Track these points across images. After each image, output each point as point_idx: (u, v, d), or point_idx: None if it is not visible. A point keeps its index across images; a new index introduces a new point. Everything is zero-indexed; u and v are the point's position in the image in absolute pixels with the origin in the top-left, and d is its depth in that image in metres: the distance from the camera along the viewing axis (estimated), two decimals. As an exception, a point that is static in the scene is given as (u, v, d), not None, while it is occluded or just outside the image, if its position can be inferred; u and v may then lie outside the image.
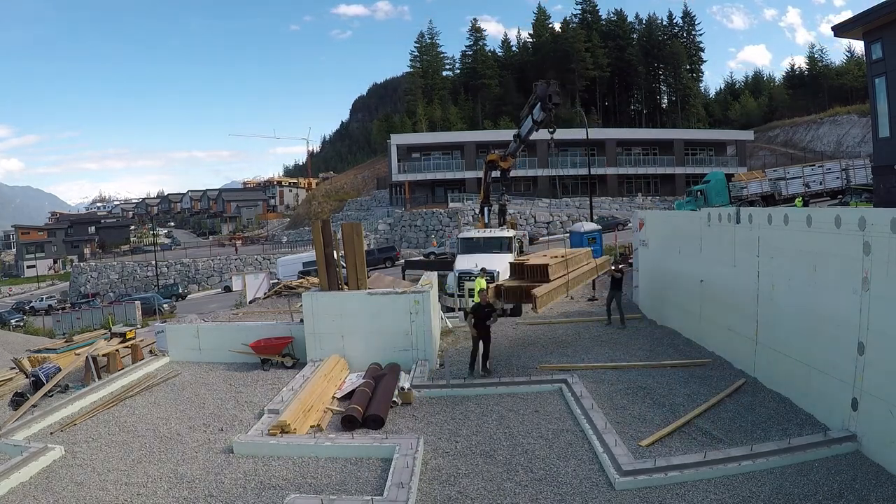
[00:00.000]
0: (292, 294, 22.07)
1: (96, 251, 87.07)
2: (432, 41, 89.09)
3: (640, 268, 16.32)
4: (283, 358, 11.99)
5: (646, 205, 51.84)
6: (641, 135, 63.71)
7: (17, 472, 7.28)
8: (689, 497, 6.23)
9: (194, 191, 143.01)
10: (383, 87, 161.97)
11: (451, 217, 48.93)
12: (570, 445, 7.63)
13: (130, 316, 33.32)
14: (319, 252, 12.01)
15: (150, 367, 12.28)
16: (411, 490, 6.30)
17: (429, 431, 8.30)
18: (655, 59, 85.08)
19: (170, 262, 54.69)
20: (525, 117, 21.20)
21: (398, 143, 57.30)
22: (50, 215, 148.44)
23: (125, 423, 9.25)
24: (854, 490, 6.11)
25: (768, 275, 9.20)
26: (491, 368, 10.76)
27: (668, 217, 17.52)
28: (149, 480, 7.18)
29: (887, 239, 6.57)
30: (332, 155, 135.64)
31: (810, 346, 8.08)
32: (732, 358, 10.42)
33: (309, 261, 32.42)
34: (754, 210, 10.15)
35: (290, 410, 8.39)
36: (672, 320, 13.41)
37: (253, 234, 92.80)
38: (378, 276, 15.35)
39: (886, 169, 20.62)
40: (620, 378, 10.04)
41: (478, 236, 19.93)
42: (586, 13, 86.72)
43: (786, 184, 35.48)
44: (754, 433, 7.62)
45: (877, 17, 20.13)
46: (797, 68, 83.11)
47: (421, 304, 11.22)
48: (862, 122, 55.65)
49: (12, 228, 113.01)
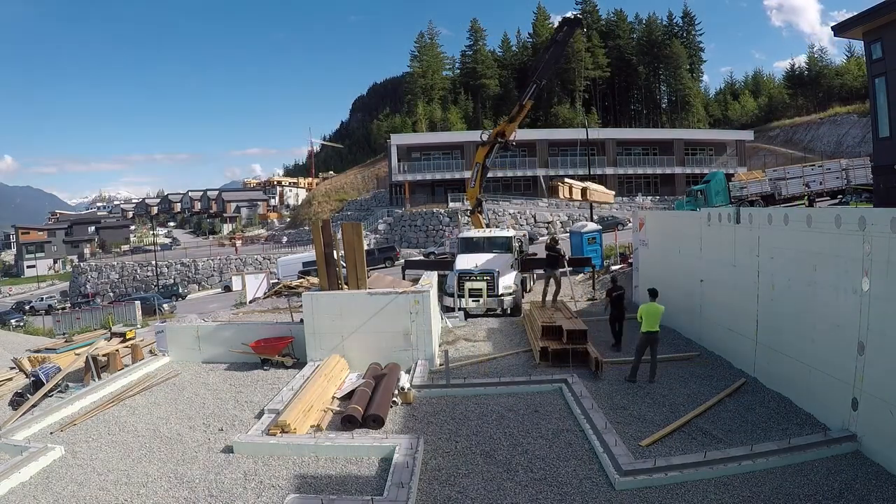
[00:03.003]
0: (292, 294, 22.03)
1: (96, 251, 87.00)
2: (432, 41, 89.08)
3: (640, 268, 16.33)
4: (283, 358, 11.99)
5: (646, 205, 51.83)
6: (641, 135, 63.67)
7: (17, 472, 7.29)
8: (689, 497, 6.23)
9: (194, 191, 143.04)
10: (383, 87, 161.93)
11: (451, 217, 48.92)
12: (570, 445, 7.63)
13: (130, 316, 33.27)
14: (319, 252, 12.01)
15: (150, 367, 12.28)
16: (411, 490, 6.31)
17: (429, 431, 8.30)
18: (655, 59, 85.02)
19: (170, 262, 54.62)
20: (548, 47, 22.82)
21: (398, 143, 57.27)
22: (50, 215, 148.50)
23: (125, 423, 9.25)
24: (854, 490, 6.11)
25: (768, 275, 9.20)
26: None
27: (668, 217, 17.54)
28: (149, 480, 7.18)
29: (887, 239, 6.57)
30: (332, 155, 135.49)
31: (810, 346, 8.08)
32: (732, 358, 10.43)
33: (309, 261, 32.40)
34: (754, 210, 10.16)
35: (290, 410, 8.39)
36: (672, 320, 13.40)
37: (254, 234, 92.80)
38: (378, 276, 15.34)
39: (886, 169, 20.59)
40: (620, 378, 10.05)
41: (478, 236, 19.92)
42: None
43: (786, 184, 35.42)
44: (754, 433, 7.63)
45: (877, 17, 20.11)
46: (797, 68, 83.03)
47: (421, 304, 11.22)
48: (862, 122, 55.62)
49: (12, 228, 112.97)
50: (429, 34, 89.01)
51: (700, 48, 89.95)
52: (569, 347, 10.87)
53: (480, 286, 16.57)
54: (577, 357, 10.82)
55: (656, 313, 9.68)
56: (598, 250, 23.41)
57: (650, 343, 9.71)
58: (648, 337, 9.67)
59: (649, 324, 9.64)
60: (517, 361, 11.55)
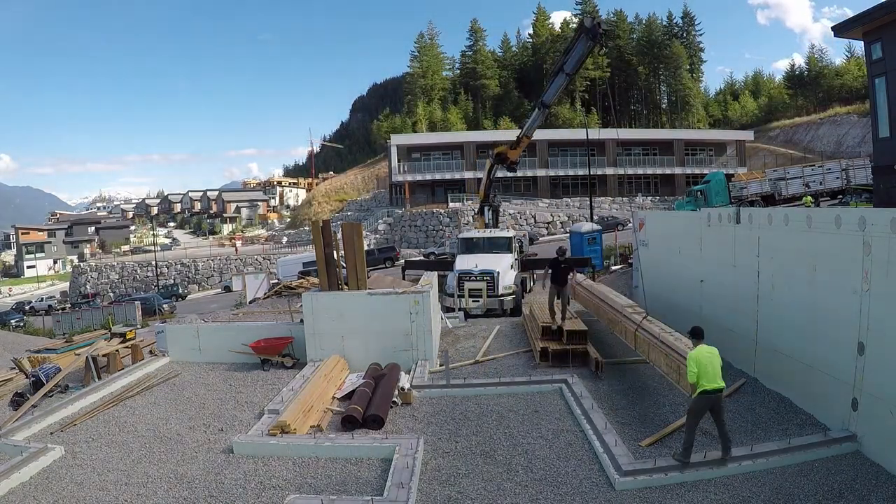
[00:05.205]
0: (292, 294, 22.08)
1: (96, 251, 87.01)
2: (432, 41, 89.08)
3: (641, 268, 16.30)
4: (283, 358, 11.99)
5: (646, 205, 51.83)
6: (641, 135, 63.66)
7: (17, 472, 7.28)
8: (689, 497, 6.23)
9: (194, 191, 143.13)
10: (383, 87, 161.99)
11: (451, 217, 48.92)
12: (570, 445, 7.63)
13: (130, 316, 33.25)
14: (319, 252, 12.01)
15: (150, 367, 12.27)
16: (411, 490, 6.30)
17: (429, 431, 8.30)
18: (655, 60, 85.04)
19: (170, 263, 54.63)
20: (556, 72, 20.80)
21: (398, 144, 57.28)
22: (50, 215, 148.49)
23: (125, 423, 9.25)
24: (854, 490, 6.11)
25: (768, 275, 9.20)
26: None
27: (668, 217, 17.54)
28: (149, 480, 7.18)
29: (887, 239, 6.57)
30: (332, 155, 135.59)
31: (810, 346, 8.08)
32: (732, 358, 10.41)
33: (309, 261, 32.42)
34: (754, 210, 10.15)
35: (290, 410, 8.38)
36: (672, 320, 13.37)
37: (254, 234, 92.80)
38: (378, 277, 15.37)
39: (886, 169, 20.61)
40: (620, 378, 10.04)
41: (478, 236, 19.93)
42: (586, 13, 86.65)
43: (786, 184, 35.44)
44: (754, 433, 7.63)
45: (877, 17, 20.13)
46: (797, 68, 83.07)
47: (421, 304, 11.22)
48: (862, 122, 55.59)
49: (12, 229, 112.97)
50: (429, 34, 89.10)
51: (700, 48, 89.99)
52: (569, 348, 10.87)
53: (480, 286, 16.58)
54: (577, 357, 10.82)
55: (717, 360, 6.72)
56: (597, 250, 23.41)
57: (713, 406, 6.75)
58: (710, 398, 6.66)
59: (710, 378, 6.60)
60: (517, 361, 11.55)
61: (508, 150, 22.77)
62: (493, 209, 23.51)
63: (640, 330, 9.44)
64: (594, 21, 19.13)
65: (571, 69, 20.37)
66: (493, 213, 23.39)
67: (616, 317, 10.77)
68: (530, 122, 22.36)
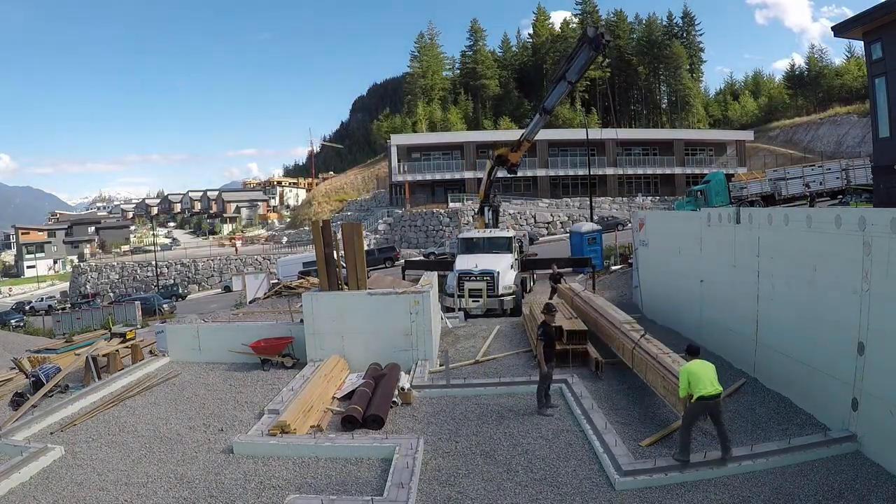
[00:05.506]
0: (292, 294, 22.09)
1: (96, 251, 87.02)
2: (432, 41, 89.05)
3: (641, 268, 16.32)
4: (283, 358, 11.99)
5: (646, 205, 51.81)
6: (641, 135, 63.63)
7: (17, 472, 7.29)
8: (689, 497, 6.23)
9: (194, 191, 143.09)
10: (383, 87, 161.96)
11: (451, 217, 48.92)
12: (570, 445, 7.63)
13: (130, 316, 33.24)
14: (319, 252, 12.01)
15: (149, 367, 12.28)
16: (411, 490, 6.31)
17: (429, 431, 8.30)
18: (655, 59, 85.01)
19: (170, 263, 54.63)
20: (558, 79, 20.78)
21: (398, 144, 57.26)
22: (50, 215, 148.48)
23: (125, 423, 9.25)
24: (854, 490, 6.11)
25: (768, 275, 9.20)
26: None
27: (668, 217, 17.54)
28: (149, 480, 7.18)
29: (887, 239, 6.57)
30: (332, 155, 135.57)
31: (810, 346, 8.08)
32: (732, 358, 10.42)
33: (309, 261, 32.43)
34: (754, 210, 10.15)
35: (290, 410, 8.39)
36: (672, 320, 13.41)
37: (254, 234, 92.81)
38: (378, 277, 15.37)
39: (886, 169, 20.60)
40: (620, 378, 10.04)
41: (478, 236, 19.94)
42: (586, 13, 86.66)
43: (786, 184, 35.43)
44: (754, 433, 7.63)
45: (877, 17, 20.12)
46: (797, 68, 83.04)
47: (421, 304, 11.23)
48: (862, 122, 55.58)
49: (12, 228, 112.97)
50: (429, 34, 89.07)
51: (700, 48, 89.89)
52: (569, 348, 10.87)
53: (480, 286, 16.58)
54: (577, 357, 10.82)
55: (711, 370, 6.96)
56: (597, 251, 23.42)
57: (711, 412, 6.86)
58: (708, 404, 6.75)
59: (705, 385, 6.73)
60: (517, 361, 11.55)
61: (509, 153, 22.75)
62: (493, 209, 23.50)
63: (638, 349, 9.32)
64: (597, 31, 19.18)
65: (574, 78, 20.56)
66: (493, 213, 23.37)
67: (614, 332, 10.65)
68: (531, 127, 22.38)
